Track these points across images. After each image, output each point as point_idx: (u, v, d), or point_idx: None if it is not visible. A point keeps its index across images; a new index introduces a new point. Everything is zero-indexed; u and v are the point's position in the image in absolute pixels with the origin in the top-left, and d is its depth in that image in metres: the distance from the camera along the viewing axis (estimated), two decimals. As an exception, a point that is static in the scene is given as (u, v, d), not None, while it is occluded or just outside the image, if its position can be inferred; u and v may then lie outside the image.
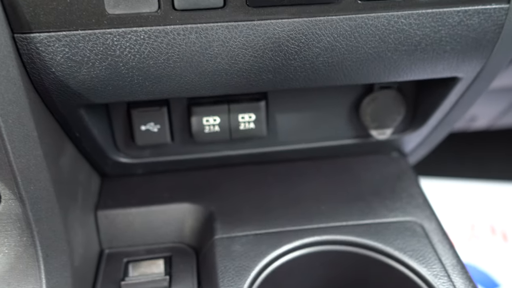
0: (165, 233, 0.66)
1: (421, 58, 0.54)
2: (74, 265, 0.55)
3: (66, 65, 0.48)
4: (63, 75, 0.49)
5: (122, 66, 0.49)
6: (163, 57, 0.49)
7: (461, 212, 1.37)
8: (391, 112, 0.67)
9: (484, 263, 1.26)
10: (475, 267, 1.21)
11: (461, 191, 1.42)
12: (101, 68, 0.49)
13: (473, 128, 1.16)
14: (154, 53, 0.49)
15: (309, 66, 0.52)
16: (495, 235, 1.32)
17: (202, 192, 0.67)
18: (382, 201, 0.66)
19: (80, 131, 0.57)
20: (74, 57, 0.48)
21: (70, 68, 0.48)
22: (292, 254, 0.59)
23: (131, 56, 0.48)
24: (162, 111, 0.62)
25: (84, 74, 0.49)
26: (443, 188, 1.42)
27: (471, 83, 0.61)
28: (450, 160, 1.52)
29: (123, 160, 0.66)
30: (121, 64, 0.49)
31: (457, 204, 1.38)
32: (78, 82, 0.49)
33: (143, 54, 0.48)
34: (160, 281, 0.59)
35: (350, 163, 0.73)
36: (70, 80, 0.49)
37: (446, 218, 1.29)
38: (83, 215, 0.61)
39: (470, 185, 1.44)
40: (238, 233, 0.61)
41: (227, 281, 0.55)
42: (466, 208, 1.38)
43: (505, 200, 1.38)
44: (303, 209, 0.64)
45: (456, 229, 1.34)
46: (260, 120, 0.64)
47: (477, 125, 1.14)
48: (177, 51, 0.49)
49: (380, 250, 0.59)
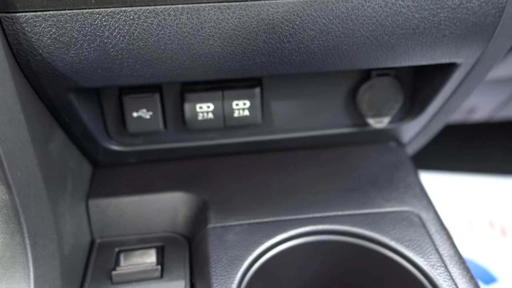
0: (158, 222, 0.65)
1: (420, 43, 0.53)
2: (63, 254, 0.54)
3: (53, 47, 0.47)
4: (50, 57, 0.47)
5: (111, 48, 0.48)
6: (154, 38, 0.48)
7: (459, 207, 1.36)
8: (389, 100, 0.66)
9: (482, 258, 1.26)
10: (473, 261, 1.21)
11: (459, 185, 1.41)
12: (89, 50, 0.47)
13: (472, 120, 1.15)
14: (144, 35, 0.47)
15: (304, 49, 0.51)
16: (493, 229, 1.32)
17: (195, 181, 0.66)
18: (379, 191, 0.65)
19: (69, 116, 0.56)
20: (62, 38, 0.46)
21: (58, 50, 0.47)
22: (287, 244, 0.58)
23: (120, 37, 0.47)
24: (155, 97, 0.61)
25: (72, 56, 0.48)
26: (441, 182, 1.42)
27: (470, 70, 0.60)
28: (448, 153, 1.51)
29: (115, 148, 0.65)
30: (110, 45, 0.47)
31: (455, 198, 1.38)
32: (66, 64, 0.48)
33: (132, 35, 0.47)
34: (151, 270, 0.58)
35: (346, 152, 0.71)
36: (57, 62, 0.48)
37: (444, 212, 1.28)
38: (74, 203, 0.59)
39: (469, 179, 1.43)
40: (232, 222, 0.60)
41: (220, 270, 0.54)
42: (464, 202, 1.37)
43: (504, 195, 1.38)
44: (298, 198, 0.63)
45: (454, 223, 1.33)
46: (254, 107, 0.63)
47: (476, 117, 1.13)
48: (168, 33, 0.47)
49: (376, 240, 0.58)
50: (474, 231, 1.33)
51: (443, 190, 1.39)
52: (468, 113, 1.10)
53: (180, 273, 0.59)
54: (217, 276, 0.53)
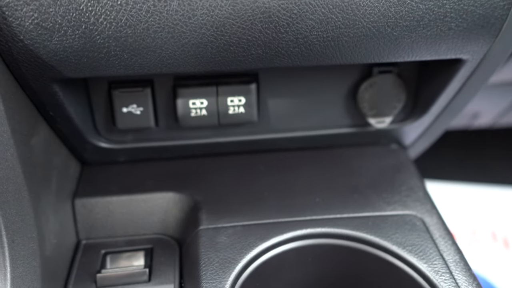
0: (147, 223, 0.62)
1: (424, 36, 0.50)
2: (44, 254, 0.51)
3: (35, 33, 0.44)
4: (32, 44, 0.45)
5: (97, 35, 0.45)
6: (142, 26, 0.45)
7: (462, 217, 1.34)
8: (391, 99, 0.63)
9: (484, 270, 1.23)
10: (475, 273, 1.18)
11: (462, 195, 1.40)
12: (74, 37, 0.45)
13: (475, 126, 1.12)
14: (132, 21, 0.45)
15: (302, 41, 0.49)
16: (496, 241, 1.30)
17: (187, 181, 0.64)
18: (379, 194, 0.62)
19: (54, 109, 0.54)
20: (44, 23, 0.44)
21: (40, 36, 0.45)
22: (282, 247, 0.56)
23: (107, 24, 0.45)
24: (146, 92, 0.59)
25: (56, 44, 0.45)
26: (443, 192, 1.40)
27: (476, 67, 0.58)
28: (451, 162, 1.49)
29: (103, 145, 0.62)
30: (96, 33, 0.45)
31: (458, 208, 1.36)
32: (49, 52, 0.46)
33: (120, 22, 0.45)
34: (138, 274, 0.55)
35: (346, 154, 0.69)
36: (40, 50, 0.46)
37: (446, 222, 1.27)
38: (58, 202, 0.57)
39: (471, 189, 1.41)
40: (225, 224, 0.57)
41: (210, 274, 0.51)
42: (467, 213, 1.36)
43: (507, 205, 1.36)
44: (295, 200, 0.61)
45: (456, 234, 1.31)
46: (250, 104, 0.60)
47: (479, 122, 1.10)
48: (158, 20, 0.45)
49: (377, 244, 0.56)
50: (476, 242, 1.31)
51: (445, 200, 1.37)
52: (471, 118, 1.08)
53: (169, 277, 0.56)
54: (208, 280, 0.51)
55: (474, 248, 1.31)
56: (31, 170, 0.50)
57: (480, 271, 1.25)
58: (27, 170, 0.49)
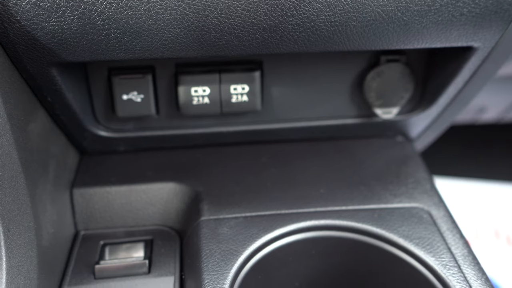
0: (147, 214, 0.61)
1: (435, 21, 0.49)
2: (41, 244, 0.50)
3: (33, 13, 0.43)
4: (29, 25, 0.44)
5: (97, 16, 0.44)
6: (144, 7, 0.44)
7: (464, 214, 1.33)
8: (398, 88, 0.62)
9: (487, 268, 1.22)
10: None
11: (464, 192, 1.39)
12: (72, 18, 0.44)
13: (481, 120, 1.11)
14: (133, 2, 0.44)
15: (309, 25, 0.47)
16: (499, 239, 1.29)
17: (189, 171, 0.63)
18: (386, 186, 0.61)
19: (52, 95, 0.52)
20: (42, 3, 0.43)
21: (38, 17, 0.43)
22: (286, 239, 0.55)
23: (107, 4, 0.43)
24: (146, 78, 0.57)
25: (54, 25, 0.44)
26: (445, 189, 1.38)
27: (487, 55, 0.56)
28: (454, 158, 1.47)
29: (102, 134, 0.61)
30: (95, 14, 0.44)
31: (460, 205, 1.35)
32: (47, 34, 0.44)
33: (120, 2, 0.43)
34: (138, 265, 0.54)
35: (351, 145, 0.68)
36: (38, 32, 0.44)
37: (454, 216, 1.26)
38: (56, 191, 0.55)
39: (474, 185, 1.40)
40: (227, 215, 0.56)
41: (212, 266, 0.50)
42: (469, 210, 1.35)
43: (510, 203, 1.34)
44: (299, 191, 0.60)
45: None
46: (254, 92, 0.59)
47: (485, 117, 1.09)
48: (160, 1, 0.44)
49: (383, 237, 0.54)
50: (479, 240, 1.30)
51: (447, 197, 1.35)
52: (477, 112, 1.06)
53: (169, 269, 0.55)
54: (209, 272, 0.49)
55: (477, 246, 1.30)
56: (27, 157, 0.49)
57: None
58: (24, 157, 0.48)
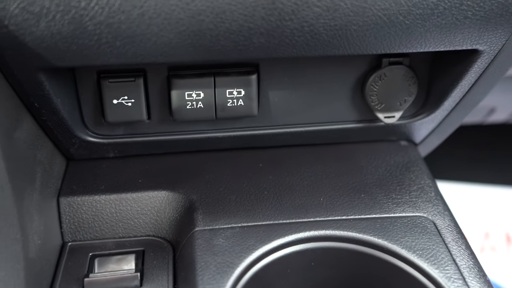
0: (138, 224, 0.63)
1: (438, 25, 0.51)
2: (28, 256, 0.52)
3: (21, 17, 0.45)
4: (17, 30, 0.45)
5: (88, 21, 0.46)
6: (137, 11, 0.46)
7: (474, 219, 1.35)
8: (401, 92, 0.64)
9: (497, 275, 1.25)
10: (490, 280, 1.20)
11: (474, 196, 1.41)
12: (63, 22, 0.46)
13: (489, 121, 1.13)
14: (126, 6, 0.46)
15: (308, 29, 0.49)
16: (510, 244, 1.31)
17: (182, 179, 0.64)
18: (388, 194, 0.63)
19: (39, 100, 0.54)
20: (31, 7, 0.44)
21: (26, 21, 0.45)
22: (284, 250, 0.56)
23: (98, 8, 0.45)
24: (138, 82, 0.59)
25: (43, 30, 0.46)
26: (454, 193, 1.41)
27: (493, 59, 0.58)
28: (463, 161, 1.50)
29: (91, 140, 0.63)
30: (87, 18, 0.46)
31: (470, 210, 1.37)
32: (35, 38, 0.46)
33: (113, 7, 0.45)
34: (129, 278, 0.56)
35: (352, 151, 0.70)
36: (26, 36, 0.46)
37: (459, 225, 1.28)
38: (42, 200, 0.57)
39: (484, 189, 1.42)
40: (222, 225, 0.58)
41: (207, 279, 0.52)
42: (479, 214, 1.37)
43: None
44: (298, 200, 0.62)
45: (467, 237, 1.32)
46: (250, 96, 0.61)
47: (494, 118, 1.11)
48: (154, 5, 0.46)
49: (385, 248, 0.56)
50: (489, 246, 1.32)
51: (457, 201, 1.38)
52: (486, 114, 1.09)
53: (162, 282, 0.57)
54: (204, 285, 0.51)
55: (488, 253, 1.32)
56: (14, 166, 0.50)
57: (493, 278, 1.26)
58: (10, 165, 0.49)
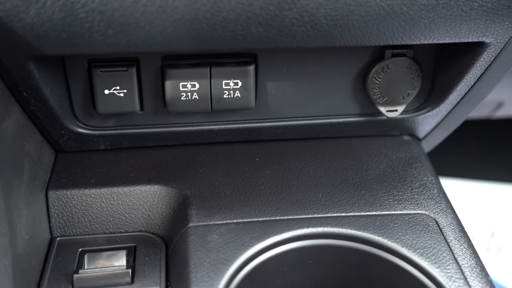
0: (130, 220, 0.63)
1: (443, 16, 0.52)
2: (16, 251, 0.52)
3: (10, 3, 0.45)
4: (6, 16, 0.46)
5: (79, 8, 0.46)
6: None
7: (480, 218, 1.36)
8: (404, 85, 0.65)
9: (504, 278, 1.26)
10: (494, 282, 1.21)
11: (479, 194, 1.41)
12: (54, 9, 0.46)
13: (497, 116, 1.14)
14: (119, -7, 0.46)
15: (308, 19, 0.50)
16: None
17: (175, 173, 0.65)
18: (389, 191, 0.64)
19: (28, 90, 0.55)
20: (21, -7, 0.45)
21: (16, 8, 0.46)
22: (281, 247, 0.57)
23: (91, -5, 0.46)
24: (130, 72, 0.60)
25: (33, 16, 0.46)
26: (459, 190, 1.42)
27: (500, 52, 0.59)
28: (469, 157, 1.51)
29: (81, 131, 0.64)
30: (79, 5, 0.46)
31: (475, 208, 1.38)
32: (25, 26, 0.47)
33: (106, -7, 0.46)
34: (120, 275, 0.57)
35: (353, 145, 0.71)
36: (15, 23, 0.46)
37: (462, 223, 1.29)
38: (31, 193, 0.58)
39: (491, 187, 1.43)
40: (217, 221, 0.59)
41: (201, 276, 0.53)
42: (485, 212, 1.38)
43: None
44: (295, 195, 0.62)
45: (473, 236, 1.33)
46: (247, 88, 0.61)
47: (502, 113, 1.12)
48: (148, -8, 0.46)
49: (385, 246, 0.57)
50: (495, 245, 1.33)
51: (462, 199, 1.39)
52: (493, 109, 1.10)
53: (154, 279, 0.57)
54: (198, 283, 0.52)
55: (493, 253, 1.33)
56: (1, 157, 0.51)
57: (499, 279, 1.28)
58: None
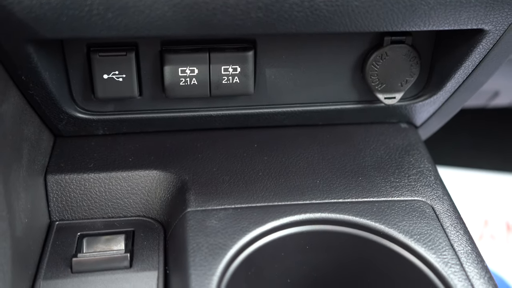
0: (129, 204, 0.63)
1: (443, 3, 0.52)
2: (15, 235, 0.52)
3: (9, -14, 0.45)
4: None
5: (78, -10, 0.46)
6: (130, -19, 0.46)
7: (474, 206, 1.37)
8: (403, 72, 0.64)
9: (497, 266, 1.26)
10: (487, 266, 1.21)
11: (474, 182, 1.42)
12: (53, -9, 0.45)
13: (493, 105, 1.14)
14: (119, -24, 0.45)
15: (308, 4, 0.50)
16: (510, 232, 1.33)
17: (174, 158, 0.65)
18: (386, 177, 0.64)
19: (27, 74, 0.54)
20: (19, -25, 0.44)
21: (14, -10, 0.45)
22: (278, 233, 0.57)
23: (90, -22, 0.45)
24: (129, 57, 0.59)
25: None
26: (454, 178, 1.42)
27: (499, 39, 0.59)
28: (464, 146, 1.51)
29: (80, 116, 0.63)
30: (77, -12, 0.46)
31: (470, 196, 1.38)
32: (24, 8, 0.46)
33: (105, -24, 0.45)
34: (119, 259, 0.57)
35: (350, 132, 0.71)
36: (14, 6, 0.46)
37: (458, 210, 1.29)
38: (29, 177, 0.57)
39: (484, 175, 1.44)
40: (215, 206, 0.59)
41: (199, 260, 0.52)
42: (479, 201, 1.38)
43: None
44: (293, 181, 0.62)
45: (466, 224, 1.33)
46: (246, 74, 0.61)
47: (497, 102, 1.12)
48: (148, -24, 0.46)
49: (382, 232, 0.57)
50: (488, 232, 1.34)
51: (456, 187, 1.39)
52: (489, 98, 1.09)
53: (153, 263, 0.57)
54: (196, 267, 0.52)
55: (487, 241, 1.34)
56: (1, 141, 0.51)
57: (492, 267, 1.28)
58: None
